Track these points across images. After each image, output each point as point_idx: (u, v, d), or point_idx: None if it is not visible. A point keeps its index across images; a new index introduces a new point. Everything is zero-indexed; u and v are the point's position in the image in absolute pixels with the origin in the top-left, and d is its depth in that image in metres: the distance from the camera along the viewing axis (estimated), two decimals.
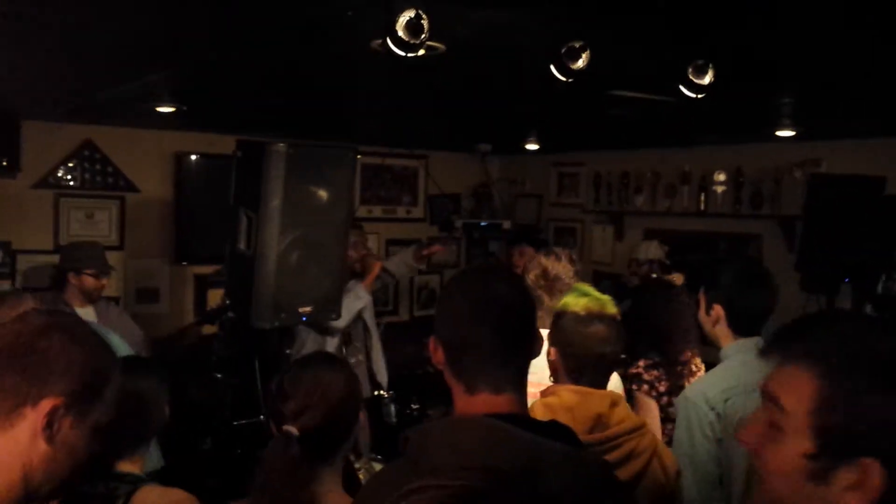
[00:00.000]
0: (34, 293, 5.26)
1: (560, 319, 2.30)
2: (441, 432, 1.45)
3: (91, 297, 4.36)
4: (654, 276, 4.66)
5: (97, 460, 1.49)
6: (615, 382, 2.80)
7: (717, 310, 2.60)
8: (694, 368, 3.44)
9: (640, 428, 2.20)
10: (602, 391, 2.25)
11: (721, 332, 2.60)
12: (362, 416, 2.12)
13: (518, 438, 1.39)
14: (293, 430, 1.92)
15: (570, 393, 2.18)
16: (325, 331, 4.25)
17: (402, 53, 2.05)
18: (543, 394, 2.24)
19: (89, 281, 4.29)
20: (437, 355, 1.57)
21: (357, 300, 4.55)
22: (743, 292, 2.59)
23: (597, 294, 2.35)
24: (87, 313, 4.27)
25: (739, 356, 2.51)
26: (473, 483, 0.88)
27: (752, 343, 2.52)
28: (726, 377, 2.49)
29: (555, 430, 1.55)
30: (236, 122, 5.45)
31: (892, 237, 4.69)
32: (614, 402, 2.19)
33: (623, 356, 2.63)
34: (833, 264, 4.74)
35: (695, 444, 2.42)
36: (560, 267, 3.04)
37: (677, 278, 4.40)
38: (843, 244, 4.59)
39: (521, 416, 1.53)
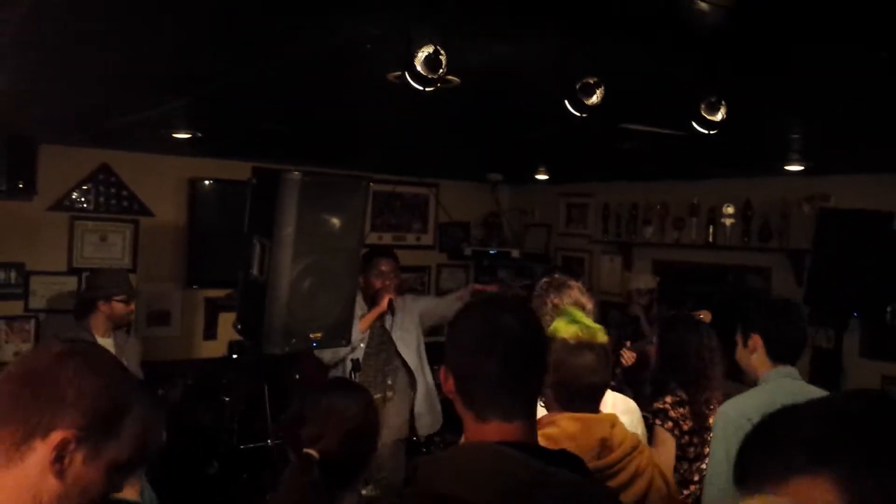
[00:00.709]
0: (56, 316, 5.34)
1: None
2: (449, 460, 1.46)
3: (121, 323, 4.36)
4: (683, 311, 4.59)
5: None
6: (635, 414, 2.77)
7: (756, 339, 2.70)
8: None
9: (638, 445, 2.20)
10: (600, 415, 2.24)
11: (759, 360, 2.70)
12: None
13: (527, 466, 1.40)
14: (314, 453, 1.94)
15: (570, 421, 2.16)
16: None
17: (421, 88, 2.09)
18: (539, 424, 2.23)
19: (119, 307, 4.28)
20: (448, 384, 1.59)
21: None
22: (780, 322, 2.71)
23: (587, 321, 2.32)
24: (107, 344, 4.23)
25: (776, 380, 2.64)
26: None
27: (787, 370, 2.66)
28: (763, 395, 2.60)
29: (564, 458, 1.57)
30: (250, 149, 5.52)
31: None
32: (613, 424, 2.19)
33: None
34: (842, 298, 4.75)
35: (730, 457, 2.43)
36: (591, 305, 3.01)
37: (705, 315, 4.39)
38: (852, 278, 4.60)
39: (531, 445, 1.54)
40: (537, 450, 1.55)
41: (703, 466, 3.26)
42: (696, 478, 3.32)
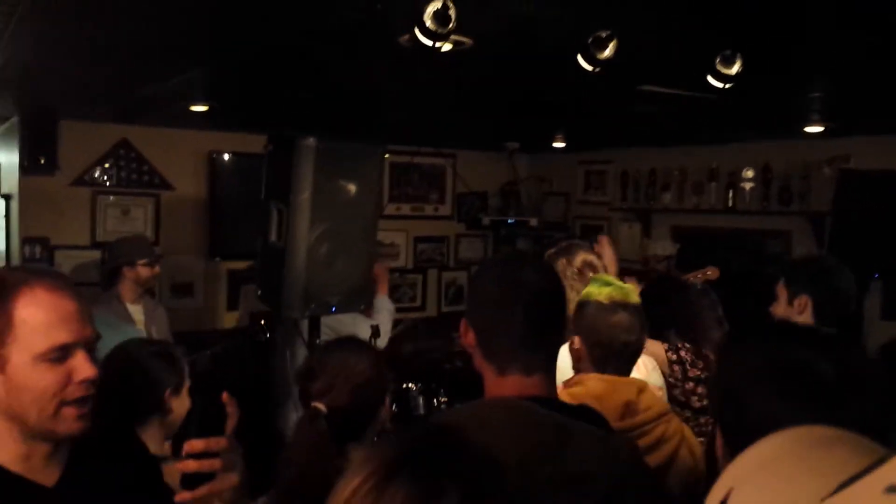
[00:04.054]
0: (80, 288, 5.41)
1: (583, 308, 2.30)
2: (473, 414, 1.48)
3: (146, 286, 4.52)
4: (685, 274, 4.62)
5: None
6: (652, 364, 2.81)
7: (804, 300, 2.69)
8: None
9: (666, 413, 2.21)
10: (628, 378, 2.26)
11: (804, 321, 2.67)
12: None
13: (547, 419, 1.43)
14: (321, 406, 1.98)
15: (596, 381, 2.18)
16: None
17: (430, 43, 2.10)
18: (567, 384, 2.23)
19: (144, 271, 4.41)
20: (468, 338, 1.61)
21: (390, 314, 4.41)
22: (831, 284, 2.71)
23: (619, 283, 2.36)
24: (136, 311, 4.42)
25: None
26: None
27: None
28: None
29: (584, 413, 1.58)
30: (267, 122, 5.52)
31: None
32: (641, 389, 2.20)
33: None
34: (862, 260, 4.71)
35: None
36: (600, 262, 3.02)
37: (712, 272, 4.40)
38: (873, 240, 4.57)
39: (551, 399, 1.57)
40: (557, 404, 1.57)
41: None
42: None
